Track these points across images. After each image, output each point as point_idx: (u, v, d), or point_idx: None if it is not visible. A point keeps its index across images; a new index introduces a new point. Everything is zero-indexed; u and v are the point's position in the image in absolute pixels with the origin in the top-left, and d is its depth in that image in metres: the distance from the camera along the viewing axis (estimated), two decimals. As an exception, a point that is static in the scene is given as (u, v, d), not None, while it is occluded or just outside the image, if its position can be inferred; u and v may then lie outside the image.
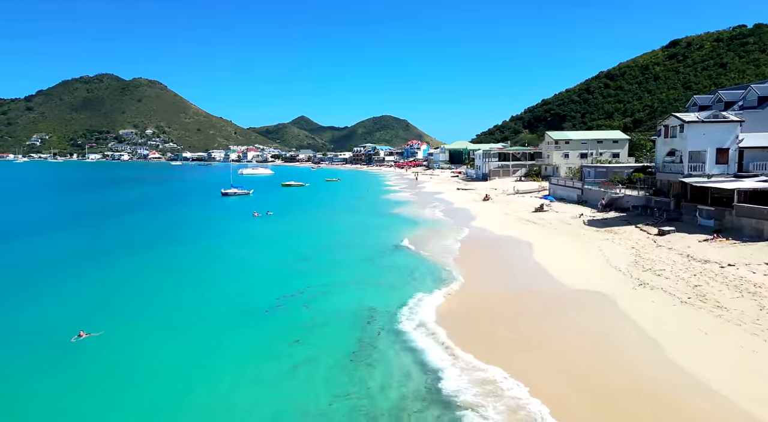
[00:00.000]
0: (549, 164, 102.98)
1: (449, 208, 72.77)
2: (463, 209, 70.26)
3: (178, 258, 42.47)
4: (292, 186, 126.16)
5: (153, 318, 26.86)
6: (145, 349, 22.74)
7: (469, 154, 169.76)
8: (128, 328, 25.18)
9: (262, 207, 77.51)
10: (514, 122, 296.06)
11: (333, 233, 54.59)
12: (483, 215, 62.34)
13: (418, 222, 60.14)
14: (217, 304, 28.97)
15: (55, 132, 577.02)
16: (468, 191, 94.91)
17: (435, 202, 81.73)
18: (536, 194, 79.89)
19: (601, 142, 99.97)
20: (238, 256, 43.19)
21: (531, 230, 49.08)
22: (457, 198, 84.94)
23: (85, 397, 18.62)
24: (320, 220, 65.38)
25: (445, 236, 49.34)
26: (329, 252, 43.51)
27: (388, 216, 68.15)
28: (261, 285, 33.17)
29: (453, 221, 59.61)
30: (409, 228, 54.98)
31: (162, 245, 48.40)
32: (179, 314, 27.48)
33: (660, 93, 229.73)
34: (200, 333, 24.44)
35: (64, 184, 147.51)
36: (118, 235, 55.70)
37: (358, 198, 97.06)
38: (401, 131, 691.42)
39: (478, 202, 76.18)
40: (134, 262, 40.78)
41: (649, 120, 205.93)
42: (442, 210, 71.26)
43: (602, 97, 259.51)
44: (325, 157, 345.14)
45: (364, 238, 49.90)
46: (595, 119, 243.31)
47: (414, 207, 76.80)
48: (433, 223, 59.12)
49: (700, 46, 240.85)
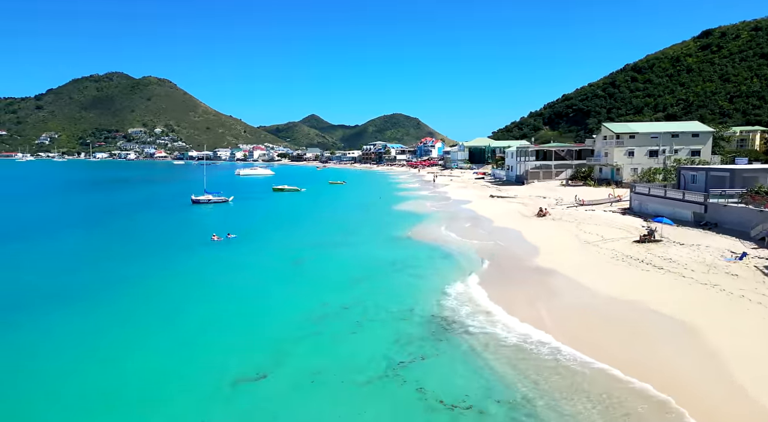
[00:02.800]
0: (606, 164, 78.94)
1: (490, 229, 49.31)
2: (512, 231, 46.91)
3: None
4: (284, 190, 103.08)
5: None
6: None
7: (493, 152, 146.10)
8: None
9: (237, 220, 56.19)
10: (533, 118, 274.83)
11: (314, 285, 31.33)
12: (551, 246, 38.98)
13: (454, 260, 36.85)
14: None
15: (64, 131, 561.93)
16: (506, 200, 71.15)
17: (466, 217, 58.31)
18: (608, 207, 56.25)
19: (677, 135, 75.71)
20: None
21: (679, 293, 25.53)
22: (495, 210, 61.31)
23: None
24: (302, 251, 42.22)
25: (515, 301, 25.92)
26: (298, 359, 20.27)
27: (404, 244, 44.88)
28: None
29: (508, 258, 36.24)
30: (442, 280, 31.58)
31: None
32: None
33: (695, 86, 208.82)
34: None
35: (31, 187, 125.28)
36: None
37: (364, 208, 73.82)
38: (412, 129, 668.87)
39: (530, 219, 52.64)
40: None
41: (684, 115, 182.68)
42: (481, 233, 47.76)
43: (629, 91, 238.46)
44: (333, 156, 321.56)
45: (369, 304, 26.66)
46: (623, 114, 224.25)
47: (440, 226, 53.35)
48: (472, 262, 35.69)
49: (736, 36, 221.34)
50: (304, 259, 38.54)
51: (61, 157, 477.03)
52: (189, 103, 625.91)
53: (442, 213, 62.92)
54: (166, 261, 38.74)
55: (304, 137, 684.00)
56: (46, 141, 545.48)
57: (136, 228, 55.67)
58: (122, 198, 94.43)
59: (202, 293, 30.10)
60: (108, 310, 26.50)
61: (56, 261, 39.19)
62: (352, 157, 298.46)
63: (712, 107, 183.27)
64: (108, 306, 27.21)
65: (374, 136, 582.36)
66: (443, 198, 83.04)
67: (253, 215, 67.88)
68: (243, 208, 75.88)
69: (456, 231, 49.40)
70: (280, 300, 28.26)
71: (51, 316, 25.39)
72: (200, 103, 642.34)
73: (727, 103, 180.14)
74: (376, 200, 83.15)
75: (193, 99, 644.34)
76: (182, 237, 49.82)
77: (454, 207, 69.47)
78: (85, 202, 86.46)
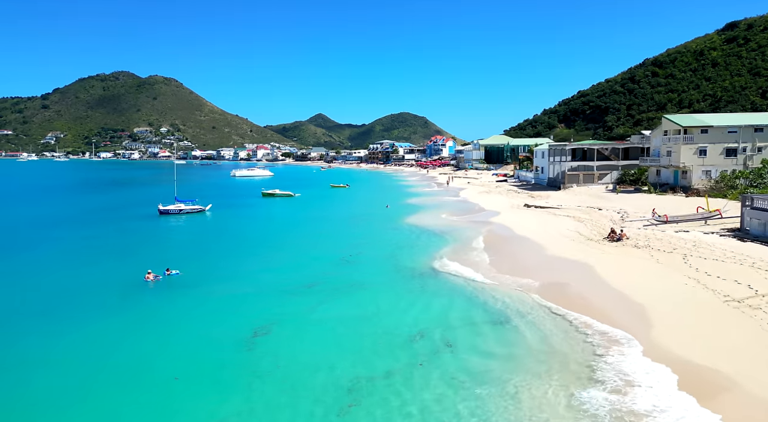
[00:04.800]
0: (668, 166, 62.58)
1: (544, 261, 33.33)
2: (578, 266, 31.15)
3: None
4: (275, 196, 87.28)
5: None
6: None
7: (513, 150, 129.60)
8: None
9: (203, 239, 42.66)
10: (548, 116, 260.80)
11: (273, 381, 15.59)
12: (663, 304, 23.31)
13: (522, 332, 21.12)
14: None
15: (70, 130, 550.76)
16: (547, 211, 54.96)
17: (504, 238, 42.32)
18: (700, 225, 40.23)
19: (762, 129, 59.19)
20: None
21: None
22: (539, 228, 45.22)
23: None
24: (270, 308, 26.47)
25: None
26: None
27: (429, 287, 28.98)
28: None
29: (597, 335, 20.45)
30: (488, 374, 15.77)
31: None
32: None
33: (722, 80, 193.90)
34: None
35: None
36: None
37: (369, 220, 58.08)
38: (420, 128, 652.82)
39: (599, 244, 36.65)
40: None
41: (712, 111, 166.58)
42: (533, 266, 31.73)
43: (650, 87, 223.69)
44: (338, 156, 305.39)
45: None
46: (644, 111, 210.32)
47: (469, 251, 37.42)
48: (551, 337, 19.94)
49: (764, 28, 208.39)
50: (269, 334, 22.52)
51: (66, 156, 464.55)
52: (195, 102, 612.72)
53: (469, 231, 46.90)
54: (44, 336, 23.10)
55: (311, 136, 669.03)
56: (51, 140, 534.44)
57: (59, 257, 40.01)
58: (83, 205, 78.88)
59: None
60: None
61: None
62: (358, 156, 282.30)
63: (743, 102, 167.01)
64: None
65: (381, 135, 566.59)
66: (465, 207, 67.13)
67: (225, 232, 52.21)
68: (219, 221, 60.33)
69: (498, 261, 33.55)
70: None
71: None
72: (206, 102, 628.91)
73: (760, 99, 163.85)
74: (383, 210, 67.29)
75: (199, 98, 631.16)
76: (112, 273, 34.03)
77: (480, 219, 53.58)
78: (31, 211, 70.92)
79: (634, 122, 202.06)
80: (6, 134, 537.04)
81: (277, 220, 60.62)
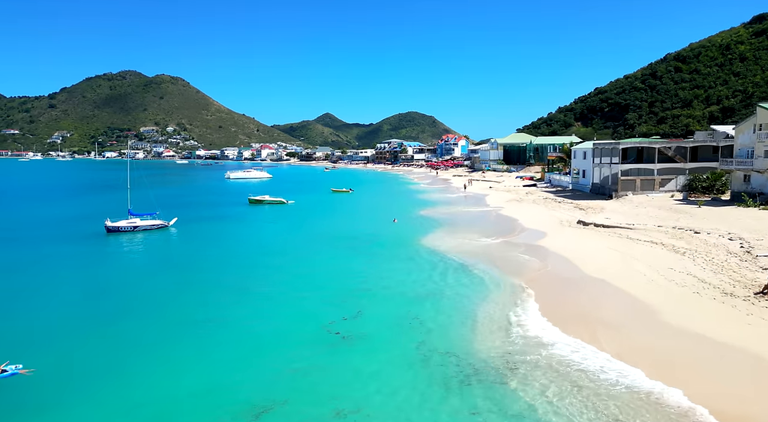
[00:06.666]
0: (762, 170, 46.86)
1: (676, 346, 18.05)
2: (755, 360, 15.63)
3: None
4: (264, 203, 72.13)
5: None
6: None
7: (536, 150, 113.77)
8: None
9: (141, 276, 28.47)
10: (564, 114, 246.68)
11: None
12: None
13: None
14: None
15: (76, 129, 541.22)
16: (616, 234, 39.40)
17: (569, 282, 26.99)
18: None
19: None
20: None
21: None
22: (620, 264, 29.83)
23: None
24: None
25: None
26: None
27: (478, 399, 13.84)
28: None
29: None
30: None
31: None
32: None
33: (753, 76, 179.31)
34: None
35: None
36: None
37: (372, 243, 42.69)
38: (428, 127, 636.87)
39: (746, 303, 21.33)
40: None
41: (743, 108, 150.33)
42: (646, 344, 16.56)
43: (674, 83, 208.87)
44: (344, 156, 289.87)
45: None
46: (668, 108, 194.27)
47: (523, 309, 22.27)
48: None
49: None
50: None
51: (71, 156, 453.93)
52: (201, 102, 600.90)
53: (511, 262, 31.60)
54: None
55: (318, 136, 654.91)
56: (58, 140, 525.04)
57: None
58: (25, 216, 64.00)
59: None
60: None
61: None
62: (365, 156, 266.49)
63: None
64: None
65: (389, 134, 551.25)
66: (499, 222, 51.83)
67: (172, 267, 36.89)
68: (176, 245, 45.42)
69: (595, 341, 18.31)
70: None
71: None
72: (213, 102, 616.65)
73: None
74: (391, 225, 52.07)
75: (206, 97, 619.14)
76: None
77: (522, 242, 38.31)
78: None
79: (657, 120, 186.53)
80: (13, 133, 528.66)
81: (252, 243, 45.21)
